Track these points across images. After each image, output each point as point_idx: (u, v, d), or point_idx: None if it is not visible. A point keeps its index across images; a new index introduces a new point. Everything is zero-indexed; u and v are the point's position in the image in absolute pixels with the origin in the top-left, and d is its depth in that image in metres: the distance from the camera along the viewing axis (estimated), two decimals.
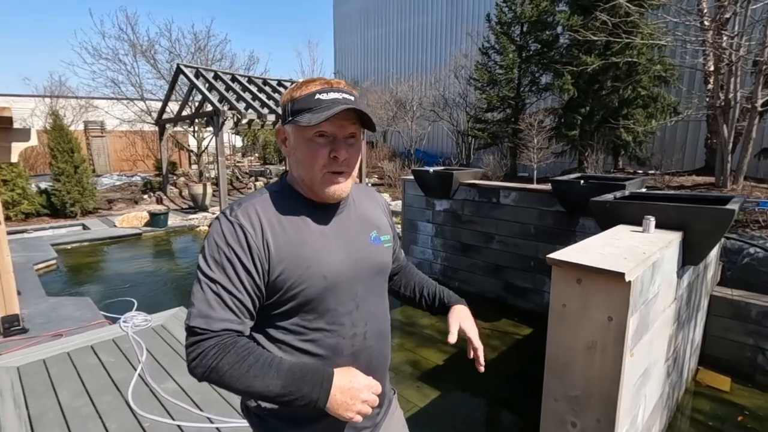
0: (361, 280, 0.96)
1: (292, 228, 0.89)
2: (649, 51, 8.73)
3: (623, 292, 1.56)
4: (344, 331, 0.92)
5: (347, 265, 0.93)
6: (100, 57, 13.32)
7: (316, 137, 0.88)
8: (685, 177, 7.71)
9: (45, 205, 8.93)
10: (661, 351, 2.23)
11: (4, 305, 3.51)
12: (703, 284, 3.05)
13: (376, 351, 1.00)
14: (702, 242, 2.23)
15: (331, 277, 0.89)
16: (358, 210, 1.02)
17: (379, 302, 1.03)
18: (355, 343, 0.95)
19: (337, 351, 0.92)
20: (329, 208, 0.96)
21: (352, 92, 0.91)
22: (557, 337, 1.79)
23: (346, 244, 0.95)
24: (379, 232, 1.04)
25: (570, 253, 1.76)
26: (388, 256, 1.05)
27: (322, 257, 0.89)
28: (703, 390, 3.30)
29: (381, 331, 1.02)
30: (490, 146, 12.52)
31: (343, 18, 23.51)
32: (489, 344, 4.08)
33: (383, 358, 1.04)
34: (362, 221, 1.01)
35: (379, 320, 1.01)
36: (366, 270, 0.97)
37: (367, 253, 0.98)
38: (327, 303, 0.90)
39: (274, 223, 0.89)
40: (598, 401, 1.69)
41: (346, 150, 0.90)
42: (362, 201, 1.06)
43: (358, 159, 0.94)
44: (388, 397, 1.11)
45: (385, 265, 1.04)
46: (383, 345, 1.03)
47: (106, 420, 2.35)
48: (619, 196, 2.84)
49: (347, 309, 0.93)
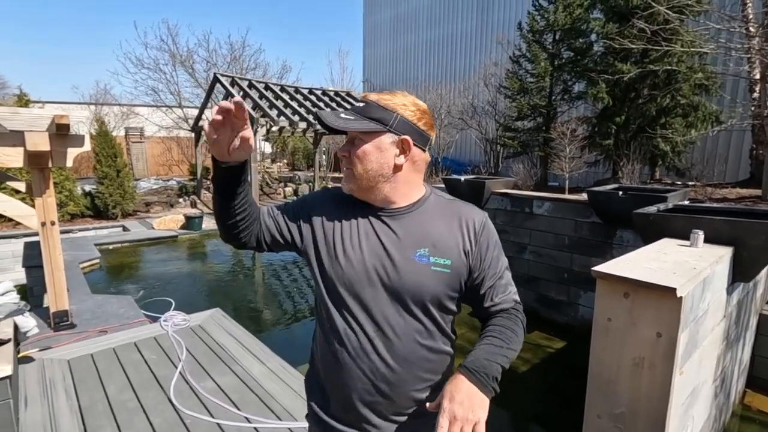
0: (382, 288, 0.94)
1: (342, 219, 1.02)
2: (689, 59, 8.45)
3: (674, 308, 1.52)
4: (353, 324, 0.96)
5: (369, 267, 0.95)
6: (143, 66, 13.99)
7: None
8: (728, 189, 7.38)
9: (89, 207, 9.38)
10: (709, 371, 2.14)
11: (55, 301, 3.71)
12: (752, 302, 2.91)
13: (386, 365, 0.94)
14: (755, 259, 2.13)
15: (348, 271, 0.96)
16: (422, 222, 0.98)
17: (404, 319, 0.95)
18: (361, 341, 0.96)
19: (345, 339, 0.97)
20: (382, 210, 1.00)
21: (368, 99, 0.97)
22: (601, 351, 1.75)
23: (380, 249, 0.96)
24: (433, 251, 0.95)
25: (616, 266, 1.73)
26: (429, 278, 0.94)
27: (350, 252, 0.97)
28: (751, 414, 3.13)
29: (397, 349, 0.94)
30: (519, 155, 12.36)
31: (372, 27, 23.82)
32: (521, 357, 4.01)
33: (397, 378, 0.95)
34: (417, 234, 0.97)
35: (397, 336, 0.94)
36: (390, 281, 0.94)
37: (399, 267, 0.94)
38: (342, 292, 0.96)
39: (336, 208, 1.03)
40: (645, 420, 1.64)
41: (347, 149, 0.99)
42: (439, 215, 1.00)
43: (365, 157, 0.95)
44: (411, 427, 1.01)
45: (419, 285, 0.93)
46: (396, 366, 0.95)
47: (150, 414, 2.44)
48: (663, 209, 2.76)
49: (360, 308, 0.96)
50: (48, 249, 3.62)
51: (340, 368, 0.98)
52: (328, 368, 1.02)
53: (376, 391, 0.97)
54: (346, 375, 0.98)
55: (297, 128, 10.61)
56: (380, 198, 0.99)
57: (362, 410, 0.98)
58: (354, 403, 0.98)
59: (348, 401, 0.99)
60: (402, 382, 0.96)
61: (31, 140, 3.33)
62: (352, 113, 0.97)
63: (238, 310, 5.30)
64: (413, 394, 0.98)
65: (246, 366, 3.00)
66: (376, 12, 23.30)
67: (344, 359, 0.97)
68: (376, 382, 0.96)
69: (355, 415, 1.00)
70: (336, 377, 1.00)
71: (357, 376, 0.96)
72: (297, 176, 15.54)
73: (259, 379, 2.82)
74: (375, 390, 0.97)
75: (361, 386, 0.97)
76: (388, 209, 1.00)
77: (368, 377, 0.96)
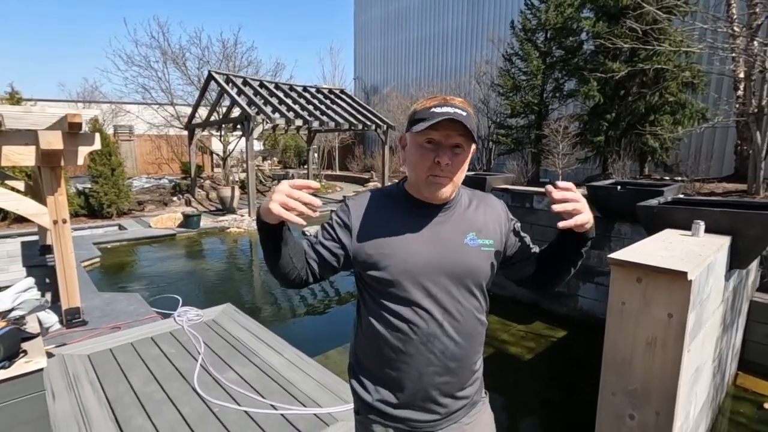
0: (444, 274, 1.05)
1: (386, 218, 1.07)
2: (677, 57, 8.71)
3: (685, 291, 1.66)
4: (420, 313, 1.05)
5: (430, 257, 1.04)
6: (133, 64, 13.85)
7: (425, 143, 1.02)
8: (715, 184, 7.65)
9: (83, 206, 9.30)
10: (709, 351, 2.30)
11: (68, 298, 3.74)
12: (744, 289, 3.10)
13: (453, 343, 1.07)
14: (751, 247, 2.30)
15: (411, 264, 1.03)
16: (463, 213, 1.12)
17: (465, 299, 1.08)
18: (430, 326, 1.05)
19: (412, 329, 1.05)
20: (431, 207, 1.08)
21: (466, 108, 1.03)
22: (615, 333, 1.89)
23: (437, 240, 1.06)
24: (479, 235, 1.09)
25: (630, 253, 1.86)
26: (482, 258, 1.09)
27: (406, 245, 1.03)
28: (743, 395, 3.33)
29: (462, 327, 1.07)
30: (512, 152, 12.56)
31: (363, 25, 23.83)
32: (526, 346, 4.17)
33: (462, 353, 1.09)
34: (463, 223, 1.10)
35: (460, 315, 1.07)
36: (451, 267, 1.05)
37: (457, 253, 1.06)
38: (407, 284, 1.04)
39: (373, 213, 1.09)
40: (657, 395, 1.78)
41: (449, 157, 1.01)
42: (473, 205, 1.14)
43: (462, 168, 1.05)
44: (471, 397, 1.15)
45: (476, 267, 1.08)
46: (463, 340, 1.08)
47: (178, 404, 2.52)
48: (664, 202, 2.92)
49: (425, 294, 1.04)
50: (60, 247, 3.65)
51: (409, 357, 1.06)
52: (391, 362, 1.08)
53: (446, 371, 1.08)
54: (415, 362, 1.06)
55: (292, 126, 10.64)
56: (446, 197, 1.06)
57: (432, 392, 1.08)
58: (424, 386, 1.07)
59: (417, 387, 1.07)
60: (466, 357, 1.10)
61: (44, 139, 3.35)
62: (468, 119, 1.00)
63: (249, 305, 5.38)
64: (472, 366, 1.13)
65: (264, 357, 3.08)
66: (366, 10, 23.31)
67: (412, 348, 1.05)
68: (446, 362, 1.07)
69: (422, 398, 1.08)
70: (403, 368, 1.07)
71: (427, 361, 1.05)
72: (290, 174, 15.55)
73: (279, 369, 2.91)
74: (445, 370, 1.07)
75: (432, 370, 1.06)
76: (442, 205, 1.09)
77: (439, 359, 1.06)
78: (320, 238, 1.10)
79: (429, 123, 0.97)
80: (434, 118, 0.98)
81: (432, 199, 1.06)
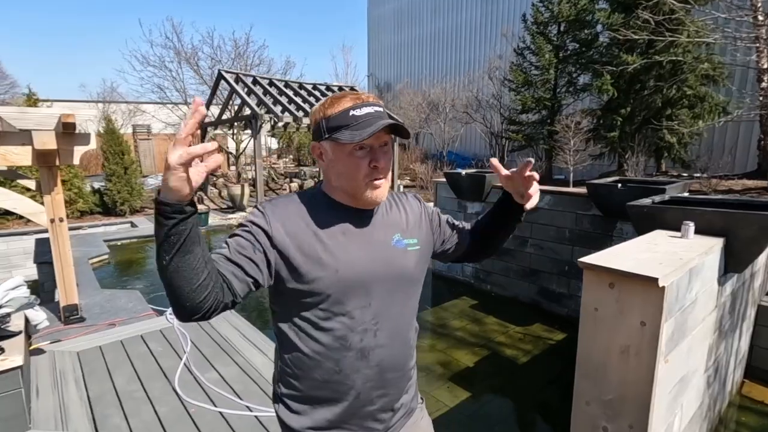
0: (376, 279, 0.99)
1: (312, 225, 0.96)
2: (695, 49, 8.35)
3: (656, 298, 1.56)
4: (354, 325, 0.97)
5: (362, 263, 0.97)
6: (148, 64, 14.14)
7: (356, 151, 0.95)
8: (735, 181, 7.32)
9: (98, 204, 9.55)
10: (700, 360, 2.17)
11: (65, 295, 3.82)
12: (749, 293, 2.92)
13: (389, 352, 1.01)
14: (746, 249, 2.15)
15: (343, 272, 0.94)
16: (386, 214, 1.07)
17: (398, 304, 1.02)
18: (365, 338, 0.98)
19: (346, 342, 0.97)
20: (358, 211, 1.02)
21: (380, 103, 0.98)
22: (589, 340, 1.79)
23: (366, 244, 0.99)
24: (404, 235, 1.05)
25: (603, 257, 1.76)
26: (410, 259, 1.04)
27: (338, 253, 0.95)
28: (749, 404, 3.15)
29: (397, 334, 1.03)
30: (524, 148, 12.32)
31: (376, 20, 23.75)
32: (522, 349, 4.06)
33: (399, 361, 1.04)
34: (388, 225, 1.05)
35: (394, 322, 1.02)
36: (383, 271, 0.99)
37: (387, 255, 1.01)
38: (338, 296, 0.95)
39: (295, 218, 0.96)
40: (631, 406, 1.68)
41: (383, 158, 0.97)
42: (393, 206, 1.09)
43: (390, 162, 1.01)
44: (408, 406, 1.10)
45: (406, 268, 1.03)
46: (399, 348, 1.04)
47: (156, 404, 2.53)
48: (658, 201, 2.78)
49: (359, 304, 0.97)
50: (57, 245, 3.73)
51: (344, 376, 0.97)
52: (324, 384, 0.98)
53: (384, 384, 1.01)
54: (351, 381, 0.98)
55: (301, 124, 10.66)
56: (384, 198, 1.02)
57: (369, 408, 1.01)
58: (362, 404, 1.00)
59: (355, 406, 0.99)
60: (404, 364, 1.06)
61: (39, 139, 3.42)
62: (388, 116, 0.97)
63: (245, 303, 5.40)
64: (409, 373, 1.09)
65: (248, 357, 3.08)
66: (380, 4, 23.21)
67: (347, 366, 0.97)
68: (384, 374, 1.00)
69: (360, 416, 1.01)
70: (338, 388, 0.98)
71: (364, 377, 0.98)
72: (302, 171, 15.61)
73: (260, 369, 2.90)
74: (383, 383, 1.01)
75: (370, 385, 0.99)
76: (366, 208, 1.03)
77: (375, 372, 0.99)
78: (235, 247, 0.90)
79: (365, 132, 0.91)
80: (362, 123, 0.92)
81: (371, 203, 1.00)
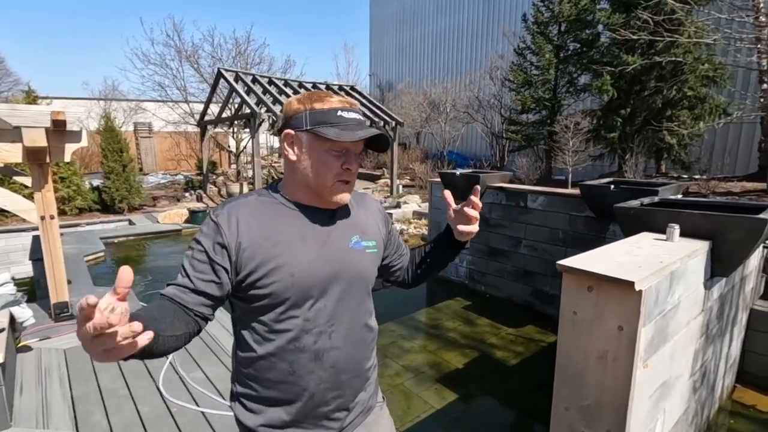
0: (333, 281, 0.98)
1: (266, 228, 0.95)
2: (696, 50, 8.28)
3: (633, 302, 1.53)
4: (308, 327, 0.96)
5: (318, 265, 0.96)
6: (149, 62, 14.14)
7: (332, 150, 0.95)
8: (734, 183, 7.26)
9: (96, 201, 9.57)
10: (684, 365, 2.14)
11: (56, 293, 3.82)
12: (740, 297, 2.88)
13: (344, 354, 1.01)
14: (733, 253, 2.12)
15: (298, 275, 0.93)
16: (345, 215, 1.06)
17: (353, 306, 1.02)
18: (318, 340, 0.97)
19: (300, 344, 0.96)
20: (318, 211, 1.01)
21: (363, 112, 1.01)
22: (568, 344, 1.77)
23: (322, 246, 0.98)
24: (363, 237, 1.05)
25: (582, 260, 1.74)
26: (368, 261, 1.05)
27: (293, 256, 0.94)
28: (740, 410, 3.11)
29: (352, 335, 1.02)
30: (524, 148, 12.27)
31: (379, 20, 23.72)
32: (514, 350, 4.03)
33: (354, 362, 1.03)
34: (347, 226, 1.04)
35: (350, 323, 1.02)
36: (340, 273, 0.99)
37: (344, 257, 1.00)
38: (294, 299, 0.94)
39: (250, 224, 0.94)
40: (609, 412, 1.66)
41: (356, 164, 1.00)
42: (354, 206, 1.09)
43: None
44: (365, 404, 1.10)
45: (363, 270, 1.04)
46: (354, 349, 1.03)
47: (138, 403, 2.52)
48: (647, 203, 2.74)
49: (314, 307, 0.96)
50: (48, 242, 3.73)
51: (299, 378, 0.97)
52: (278, 384, 0.98)
53: (338, 385, 1.01)
54: (305, 382, 0.97)
55: None
56: (348, 200, 1.03)
57: (323, 409, 1.00)
58: (316, 405, 0.99)
59: (308, 406, 0.99)
60: (358, 365, 1.05)
61: (28, 136, 3.41)
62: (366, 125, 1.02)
63: None
64: (366, 374, 1.08)
65: None
66: (382, 4, 23.17)
67: (301, 368, 0.96)
68: (338, 375, 1.00)
69: (314, 416, 1.00)
70: (292, 389, 0.98)
71: (318, 379, 0.98)
72: None
73: None
74: (337, 384, 1.00)
75: (324, 387, 0.99)
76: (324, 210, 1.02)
77: (329, 374, 0.99)
78: (194, 275, 0.91)
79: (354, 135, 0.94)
80: (349, 125, 0.96)
81: (334, 204, 1.01)
